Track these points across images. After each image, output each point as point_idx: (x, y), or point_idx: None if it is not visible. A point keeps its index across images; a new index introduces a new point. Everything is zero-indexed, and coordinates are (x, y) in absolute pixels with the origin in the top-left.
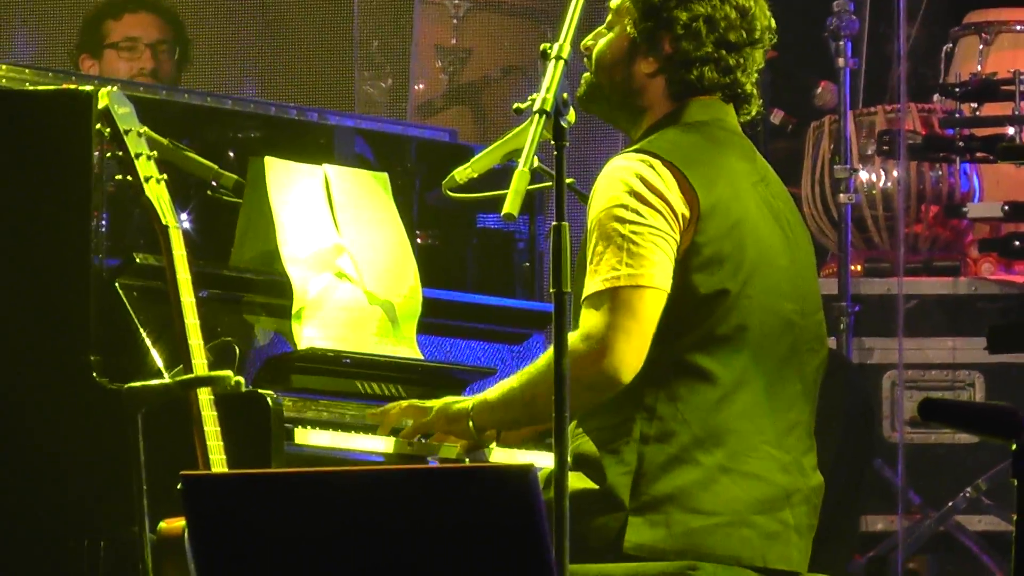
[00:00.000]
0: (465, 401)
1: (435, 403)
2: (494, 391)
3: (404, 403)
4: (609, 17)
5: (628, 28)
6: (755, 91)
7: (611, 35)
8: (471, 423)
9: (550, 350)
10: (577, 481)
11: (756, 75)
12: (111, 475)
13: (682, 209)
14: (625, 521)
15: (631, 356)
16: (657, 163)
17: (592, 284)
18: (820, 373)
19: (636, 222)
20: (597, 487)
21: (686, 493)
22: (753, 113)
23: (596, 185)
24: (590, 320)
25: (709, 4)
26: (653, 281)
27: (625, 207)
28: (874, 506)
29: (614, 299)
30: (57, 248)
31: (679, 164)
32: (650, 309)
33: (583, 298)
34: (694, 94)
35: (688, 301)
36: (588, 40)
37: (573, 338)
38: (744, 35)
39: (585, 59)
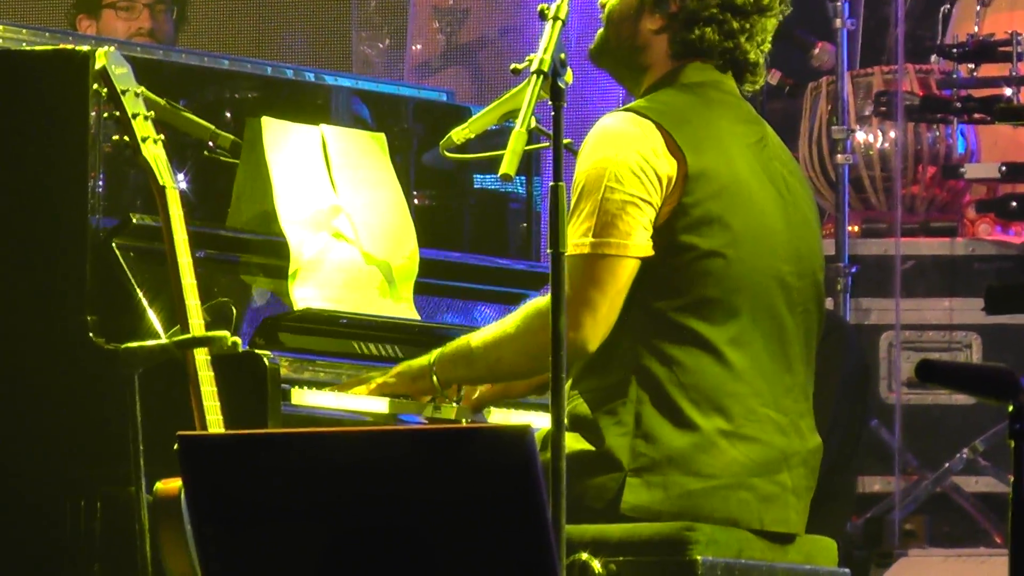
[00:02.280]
0: (425, 357)
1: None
2: (455, 346)
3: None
4: None
5: None
6: (761, 61)
7: None
8: (435, 378)
9: (520, 310)
10: (574, 442)
11: (767, 46)
12: (107, 435)
13: (668, 171)
14: (623, 482)
15: (594, 327)
16: (646, 123)
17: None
18: (817, 334)
19: (613, 187)
20: (594, 448)
21: (684, 456)
22: (759, 84)
23: (584, 141)
24: None
25: None
26: (620, 250)
27: (604, 171)
28: (871, 467)
29: (581, 268)
30: (54, 209)
31: (668, 126)
32: (615, 279)
33: None
34: (694, 56)
35: (678, 263)
36: None
37: (543, 301)
38: (752, 1)
39: (601, 13)
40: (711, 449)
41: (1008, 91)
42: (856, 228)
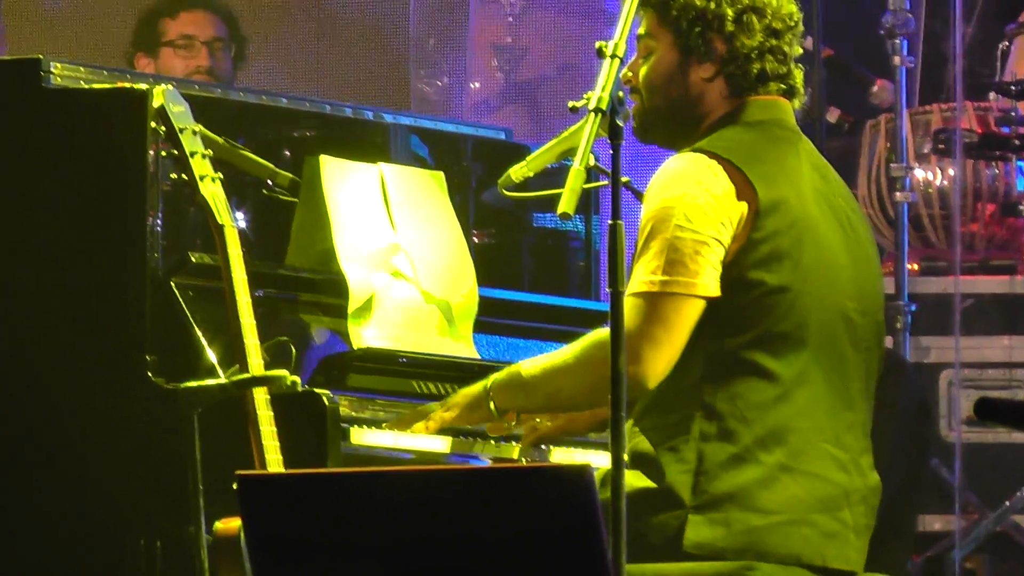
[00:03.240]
0: (479, 384)
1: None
2: (508, 374)
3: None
4: (641, 44)
5: (671, 44)
6: (802, 82)
7: (653, 58)
8: (492, 404)
9: (580, 342)
10: (635, 479)
11: (801, 66)
12: (167, 475)
13: (738, 209)
14: (685, 519)
15: (658, 364)
16: (714, 163)
17: (632, 284)
18: (877, 372)
19: (682, 226)
20: (656, 485)
21: (746, 492)
22: (798, 105)
23: (652, 182)
24: (625, 323)
25: None
26: (689, 289)
27: (673, 209)
28: (931, 506)
29: (648, 305)
30: (113, 247)
31: (737, 162)
32: (682, 318)
33: (626, 294)
34: (754, 90)
35: (746, 298)
36: (626, 73)
37: (603, 333)
38: (784, 20)
39: (631, 93)
40: (773, 484)
41: None
42: (915, 266)
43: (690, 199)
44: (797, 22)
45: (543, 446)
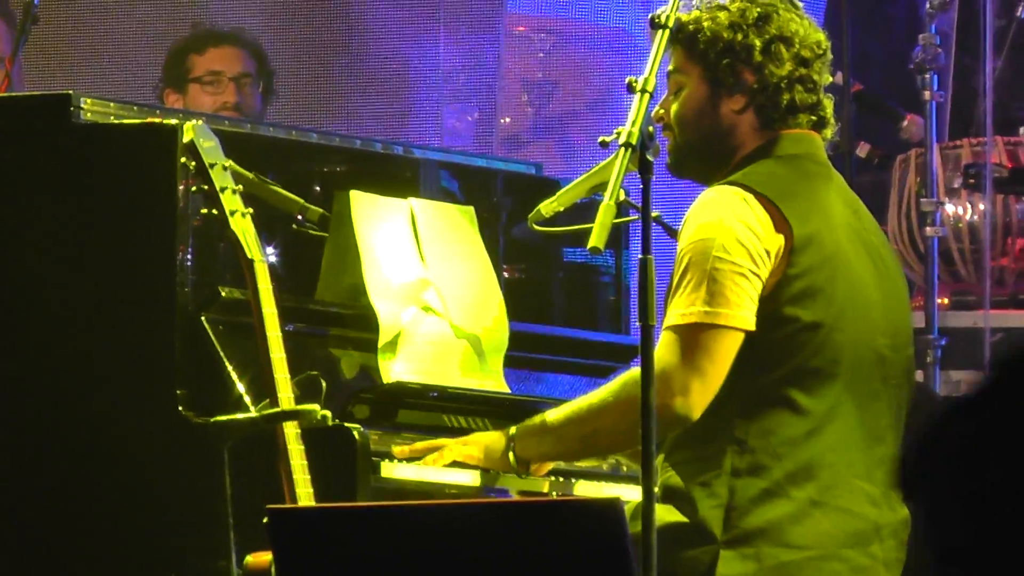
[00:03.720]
0: (500, 432)
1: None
2: (537, 421)
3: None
4: (672, 80)
5: (700, 78)
6: (832, 113)
7: (683, 93)
8: (512, 455)
9: (615, 382)
10: (666, 514)
11: (831, 96)
12: (198, 509)
13: (774, 243)
14: (716, 555)
15: (702, 396)
16: (750, 196)
17: (671, 316)
18: (907, 406)
19: (721, 258)
20: (687, 520)
21: (777, 527)
22: (830, 136)
23: (688, 214)
24: (665, 355)
25: (776, 24)
26: (730, 321)
27: (712, 241)
28: None
29: (690, 336)
30: (143, 282)
31: (773, 197)
32: (725, 349)
33: (664, 326)
34: (785, 122)
35: (780, 334)
36: (658, 111)
37: (638, 372)
38: (813, 49)
39: (664, 130)
40: (804, 520)
41: None
42: (945, 300)
43: (728, 231)
44: (825, 50)
45: (571, 479)
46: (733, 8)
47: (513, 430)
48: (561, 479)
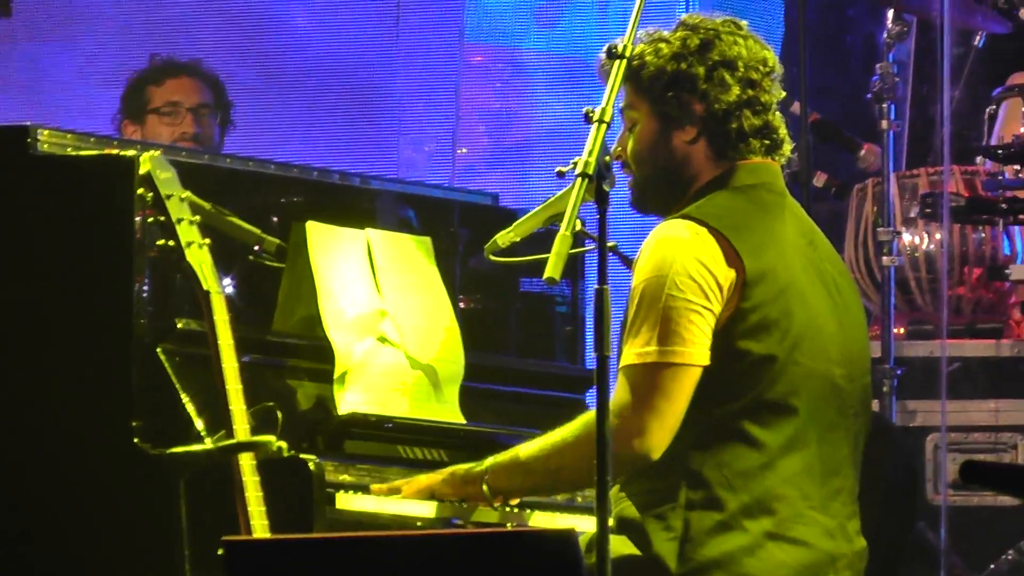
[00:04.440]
0: (477, 464)
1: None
2: (509, 456)
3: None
4: (625, 116)
5: (650, 112)
6: (786, 131)
7: (637, 128)
8: (485, 487)
9: (580, 419)
10: (620, 546)
11: (782, 117)
12: (153, 540)
13: (727, 277)
14: None
15: (661, 436)
16: (703, 230)
17: (627, 355)
18: (864, 437)
19: (674, 295)
20: (641, 553)
21: (732, 559)
22: (787, 153)
23: (641, 250)
24: (622, 396)
25: (718, 50)
26: (685, 359)
27: (664, 278)
28: (917, 569)
29: (646, 377)
30: (100, 314)
31: (725, 231)
32: (681, 388)
33: (619, 366)
34: (738, 150)
35: (736, 367)
36: (616, 148)
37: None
38: (758, 68)
39: (624, 168)
40: (759, 552)
41: None
42: (902, 330)
43: (680, 267)
44: (772, 67)
45: (523, 510)
46: (674, 39)
47: (487, 464)
48: (516, 510)
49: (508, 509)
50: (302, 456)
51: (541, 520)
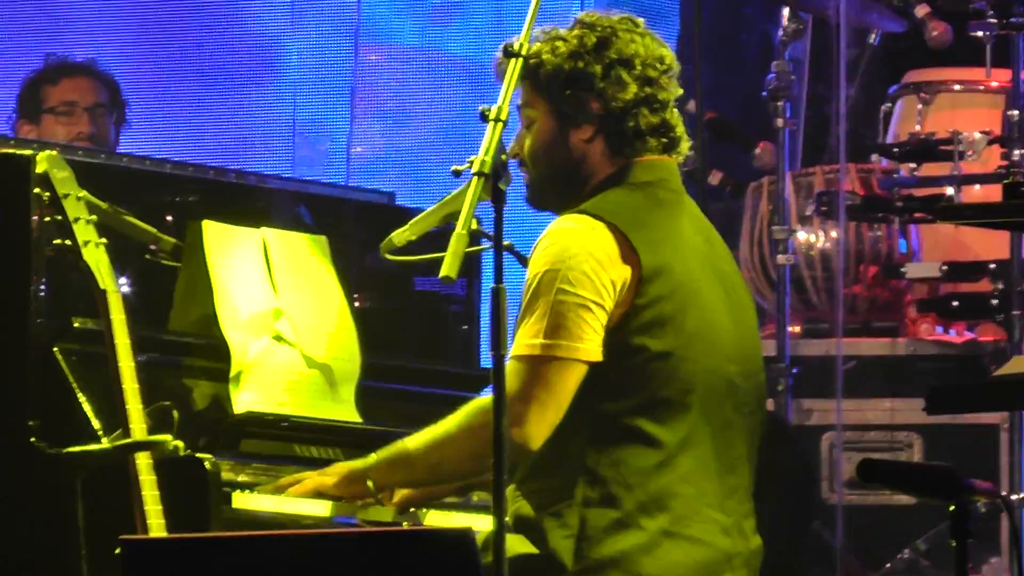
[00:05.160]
0: (363, 460)
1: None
2: (393, 450)
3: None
4: (522, 115)
5: (547, 111)
6: (683, 129)
7: (534, 127)
8: (370, 482)
9: (461, 411)
10: (517, 544)
11: (679, 115)
12: (51, 540)
13: (621, 274)
14: None
15: (540, 427)
16: (600, 225)
17: (516, 345)
18: (759, 435)
19: (565, 290)
20: (538, 551)
21: (628, 557)
22: (685, 151)
23: (538, 242)
24: (509, 384)
25: (615, 48)
26: (571, 353)
27: (557, 273)
28: (814, 568)
29: (530, 368)
30: None
31: (622, 226)
32: (564, 381)
33: (510, 355)
34: (634, 147)
35: (630, 363)
36: (514, 147)
37: (484, 400)
38: (656, 66)
39: (520, 166)
40: (655, 550)
41: (950, 190)
42: (797, 328)
43: (574, 262)
44: (670, 65)
45: (418, 509)
46: (571, 37)
47: (371, 460)
48: (412, 508)
49: (403, 507)
50: (198, 455)
51: (437, 519)
